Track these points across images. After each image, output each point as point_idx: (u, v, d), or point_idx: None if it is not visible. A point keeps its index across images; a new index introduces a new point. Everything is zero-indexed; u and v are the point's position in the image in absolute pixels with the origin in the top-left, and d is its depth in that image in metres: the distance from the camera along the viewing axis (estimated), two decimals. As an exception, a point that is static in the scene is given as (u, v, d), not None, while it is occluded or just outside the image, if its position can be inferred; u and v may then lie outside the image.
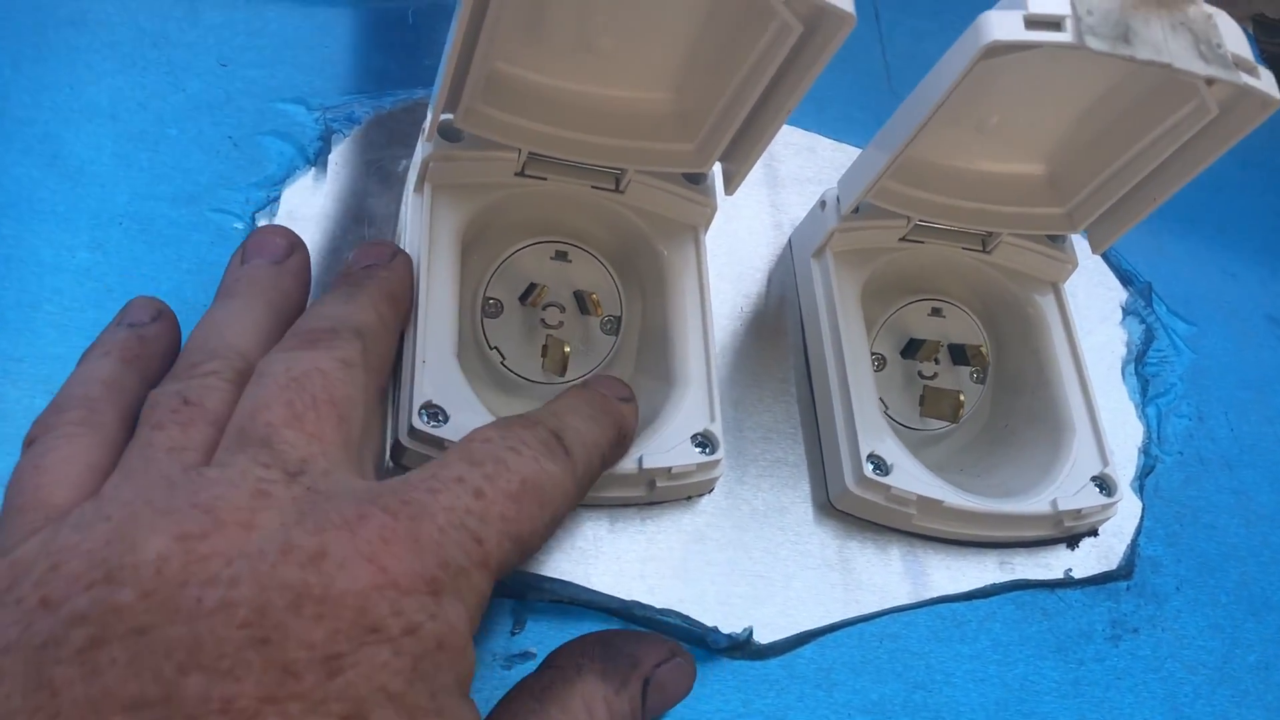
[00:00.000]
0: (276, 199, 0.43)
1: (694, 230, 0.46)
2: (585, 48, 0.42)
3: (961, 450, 0.50)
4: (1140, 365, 0.53)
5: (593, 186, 0.45)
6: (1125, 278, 0.56)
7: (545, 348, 0.44)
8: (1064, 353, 0.49)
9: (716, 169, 0.46)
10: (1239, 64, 0.39)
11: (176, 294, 0.40)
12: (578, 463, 0.34)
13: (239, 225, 0.42)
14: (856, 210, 0.47)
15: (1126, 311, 0.55)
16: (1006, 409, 0.50)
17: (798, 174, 0.53)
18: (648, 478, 0.41)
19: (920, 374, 0.50)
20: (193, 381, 0.32)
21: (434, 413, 0.39)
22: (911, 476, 0.43)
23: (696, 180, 0.46)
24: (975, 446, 0.50)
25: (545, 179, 0.45)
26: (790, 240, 0.51)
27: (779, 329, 0.48)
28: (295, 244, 0.38)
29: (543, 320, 0.45)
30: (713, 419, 0.42)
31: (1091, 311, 0.54)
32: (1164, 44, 0.38)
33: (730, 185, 0.45)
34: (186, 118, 0.44)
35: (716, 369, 0.43)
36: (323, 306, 0.36)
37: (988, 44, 0.38)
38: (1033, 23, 0.38)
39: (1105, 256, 0.56)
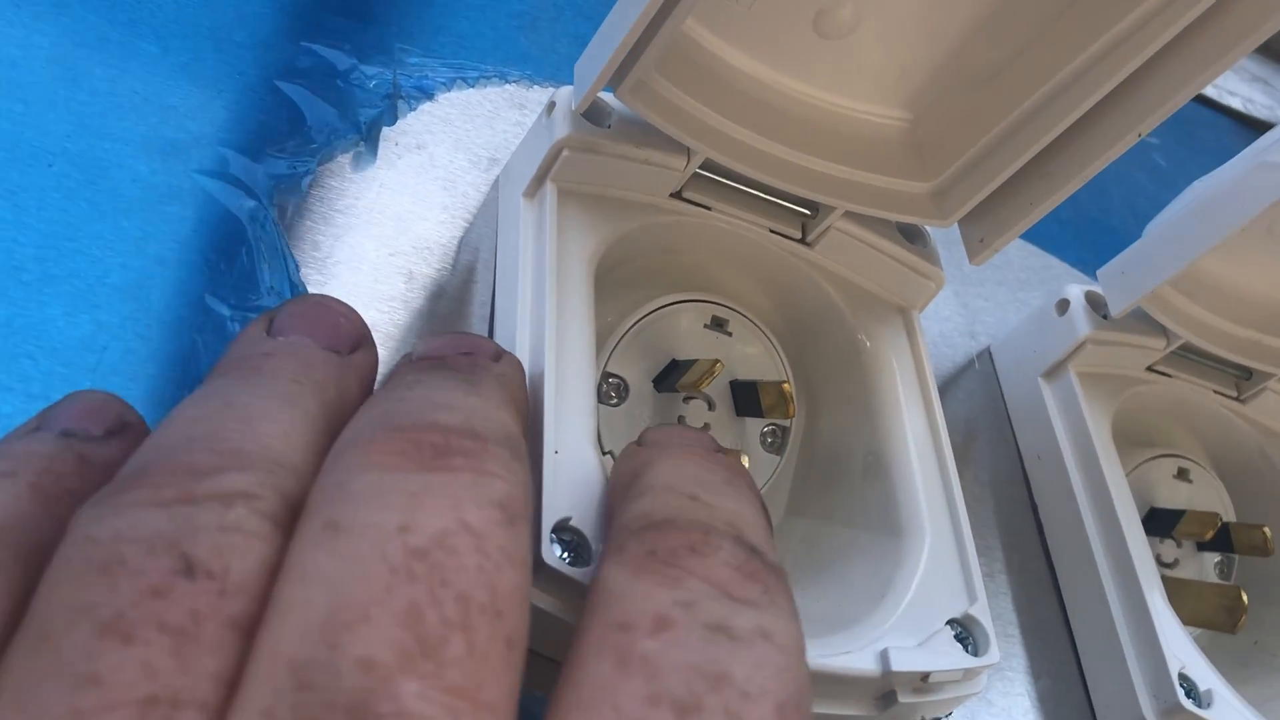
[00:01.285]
0: (306, 176, 0.27)
1: (905, 312, 0.32)
2: (810, 22, 0.28)
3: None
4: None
5: (771, 230, 0.31)
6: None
7: (682, 461, 0.29)
8: (1353, 549, 0.36)
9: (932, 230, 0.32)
10: None
11: (134, 293, 0.23)
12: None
13: (249, 204, 0.26)
14: (1106, 318, 0.34)
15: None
16: (1256, 619, 0.36)
17: (983, 273, 0.40)
18: (885, 686, 0.25)
19: (1159, 559, 0.35)
20: (202, 512, 0.14)
21: (572, 541, 0.22)
22: (1237, 714, 0.28)
23: (914, 239, 0.32)
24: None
25: (709, 208, 0.30)
26: (990, 353, 0.37)
27: (982, 473, 0.34)
28: (365, 335, 0.21)
29: (681, 419, 0.30)
30: (973, 599, 0.26)
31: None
32: None
33: (979, 255, 0.31)
34: (173, 34, 0.28)
35: (966, 520, 0.28)
36: (430, 391, 0.18)
37: None
38: None
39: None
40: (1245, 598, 0.33)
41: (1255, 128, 0.55)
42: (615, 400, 0.29)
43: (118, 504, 0.14)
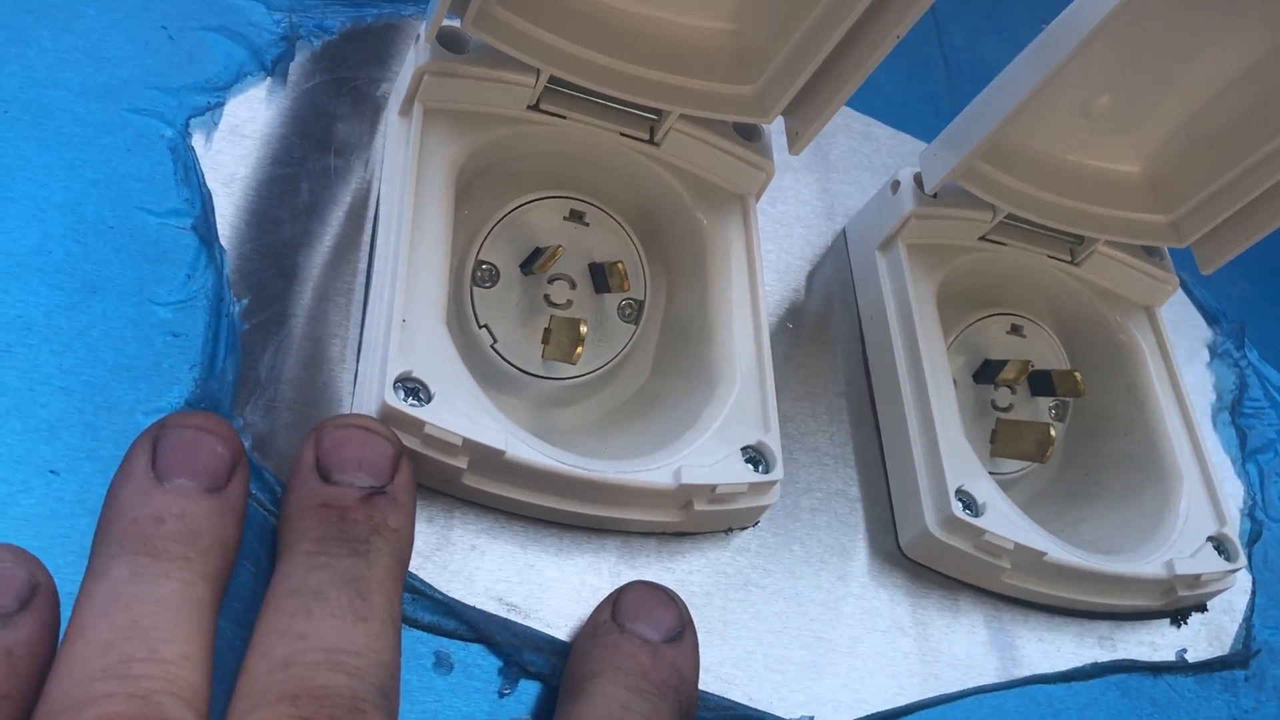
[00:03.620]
0: (219, 106, 0.33)
1: (743, 199, 0.37)
2: (632, -48, 0.34)
3: (1032, 500, 0.41)
4: (1235, 416, 0.45)
5: (621, 134, 0.36)
6: (1211, 315, 0.48)
7: (548, 330, 0.35)
8: (1165, 389, 0.41)
9: (774, 127, 0.37)
10: None
11: (74, 208, 0.30)
12: None
13: (167, 133, 0.32)
14: (936, 196, 0.39)
15: (1214, 353, 0.47)
16: (1088, 453, 0.42)
17: (851, 160, 0.45)
18: (684, 496, 0.31)
19: (994, 404, 0.41)
20: None
21: (413, 388, 0.29)
22: (1007, 520, 0.34)
23: (750, 136, 0.37)
24: (1049, 496, 0.41)
25: (564, 117, 0.36)
26: (845, 231, 0.42)
27: (829, 334, 0.39)
28: (238, 452, 0.24)
29: (547, 296, 0.36)
30: (767, 429, 0.32)
31: (1175, 350, 0.46)
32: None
33: (796, 144, 0.36)
34: (109, -3, 0.34)
35: (770, 370, 0.34)
36: (311, 621, 0.22)
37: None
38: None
39: (1188, 289, 0.48)
40: (1054, 432, 0.38)
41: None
42: (489, 283, 0.35)
43: None
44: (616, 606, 0.27)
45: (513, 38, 0.33)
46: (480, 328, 0.35)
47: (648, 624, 0.27)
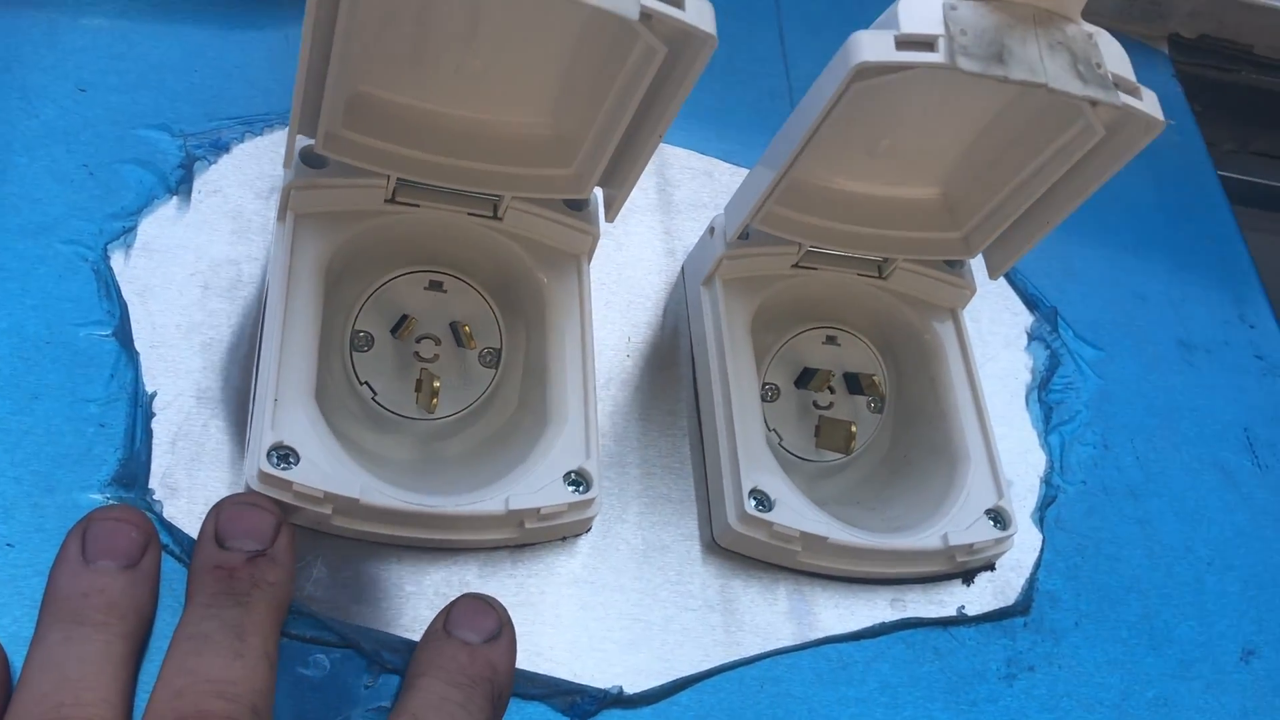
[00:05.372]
0: (133, 229, 0.41)
1: (577, 258, 0.45)
2: (454, 70, 0.41)
3: (860, 483, 0.48)
4: (1044, 392, 0.52)
5: (469, 213, 0.44)
6: (1031, 302, 0.55)
7: (419, 382, 0.43)
8: (960, 381, 0.48)
9: (599, 195, 0.44)
10: (1120, 85, 0.38)
11: (17, 330, 0.38)
12: None
13: (90, 256, 0.40)
14: (745, 236, 0.46)
15: (1032, 337, 0.54)
16: (906, 440, 0.49)
17: (693, 199, 0.52)
18: (516, 519, 0.39)
19: (815, 404, 0.48)
20: None
21: (284, 454, 0.37)
22: (794, 512, 0.42)
23: (578, 207, 0.44)
24: (874, 479, 0.49)
25: (418, 205, 0.43)
26: (683, 268, 0.50)
27: (671, 360, 0.47)
28: (150, 534, 0.33)
29: (416, 353, 0.44)
30: (587, 456, 0.40)
31: (996, 337, 0.53)
32: (1040, 64, 0.37)
33: (610, 211, 0.43)
34: (38, 145, 0.42)
35: (597, 403, 0.41)
36: (200, 659, 0.30)
37: (857, 65, 0.36)
38: (904, 43, 0.36)
39: (1011, 280, 0.55)
40: (854, 429, 0.45)
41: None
42: (365, 348, 0.43)
43: None
44: (447, 617, 0.35)
45: (360, 153, 0.40)
46: (362, 384, 0.43)
47: (469, 629, 0.35)
